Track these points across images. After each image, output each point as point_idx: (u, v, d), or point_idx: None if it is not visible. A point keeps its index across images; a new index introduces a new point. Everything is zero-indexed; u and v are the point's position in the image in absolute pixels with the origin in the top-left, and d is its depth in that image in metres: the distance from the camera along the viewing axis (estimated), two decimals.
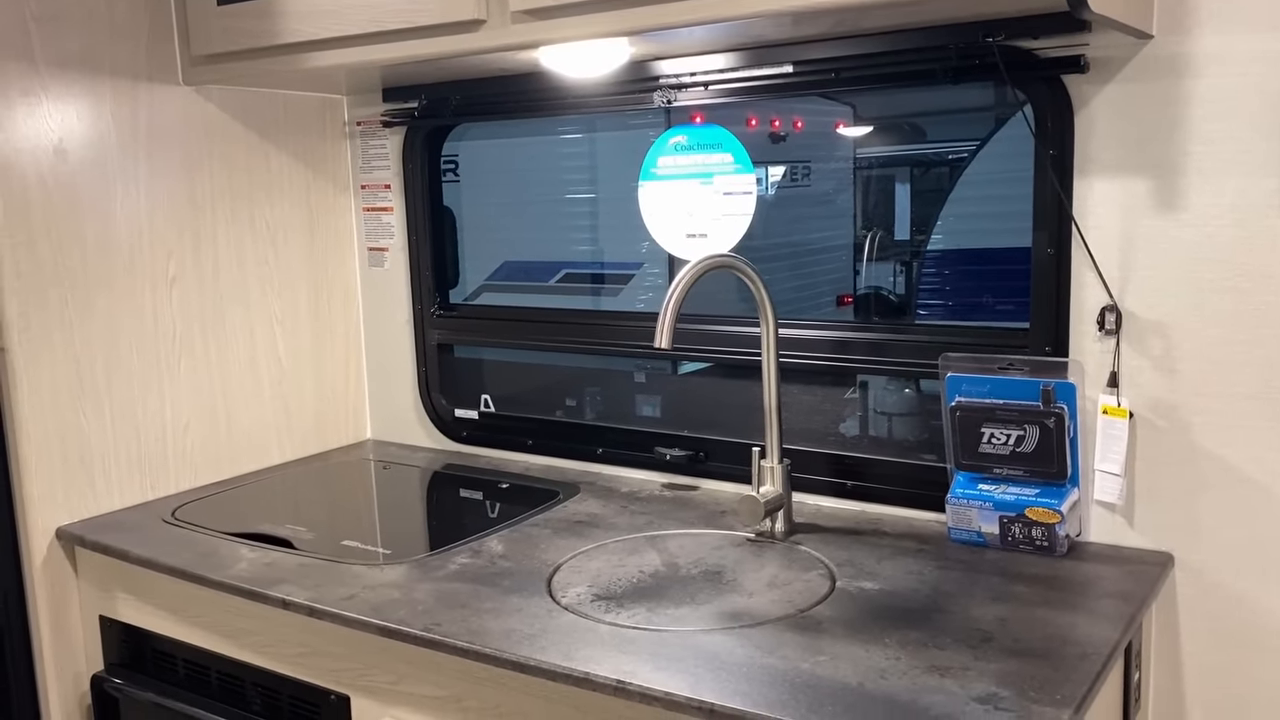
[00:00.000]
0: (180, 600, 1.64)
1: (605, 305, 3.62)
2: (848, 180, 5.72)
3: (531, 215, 4.12)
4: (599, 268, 4.04)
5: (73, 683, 1.80)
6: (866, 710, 1.07)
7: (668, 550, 1.58)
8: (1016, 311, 3.00)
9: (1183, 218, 1.42)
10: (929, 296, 5.34)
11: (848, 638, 1.24)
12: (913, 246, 5.80)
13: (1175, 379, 1.45)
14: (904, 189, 5.78)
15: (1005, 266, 3.28)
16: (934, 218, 5.79)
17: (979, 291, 3.83)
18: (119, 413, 1.86)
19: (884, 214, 5.79)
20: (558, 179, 3.87)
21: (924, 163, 5.58)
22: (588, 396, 2.13)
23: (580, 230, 3.98)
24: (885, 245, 5.76)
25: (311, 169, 2.17)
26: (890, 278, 5.59)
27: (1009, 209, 3.21)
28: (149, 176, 1.89)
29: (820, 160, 5.46)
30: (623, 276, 4.05)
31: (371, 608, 1.38)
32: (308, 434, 2.20)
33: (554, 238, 4.12)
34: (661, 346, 1.46)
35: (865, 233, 5.79)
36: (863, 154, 5.71)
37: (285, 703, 1.54)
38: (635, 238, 3.44)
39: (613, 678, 1.17)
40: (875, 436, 1.94)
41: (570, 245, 4.02)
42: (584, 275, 4.03)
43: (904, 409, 1.94)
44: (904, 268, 5.62)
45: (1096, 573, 1.42)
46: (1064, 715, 1.05)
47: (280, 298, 2.13)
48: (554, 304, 4.02)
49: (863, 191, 5.70)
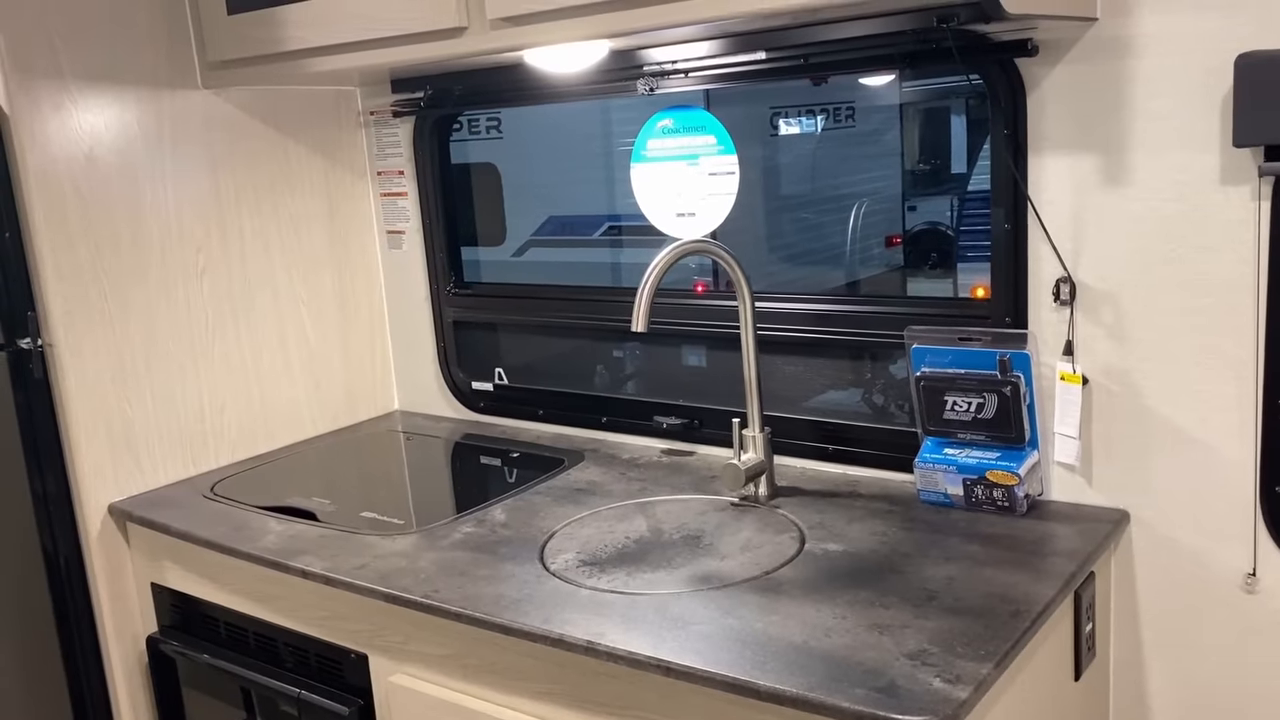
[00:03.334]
0: (218, 569, 1.80)
1: (649, 258, 3.70)
2: (893, 118, 5.68)
3: (575, 170, 4.18)
4: (643, 219, 4.12)
5: (131, 643, 1.99)
6: (805, 665, 1.19)
7: (655, 516, 1.70)
8: None
9: (1129, 192, 1.48)
10: (971, 237, 5.32)
11: (803, 598, 1.36)
12: (955, 183, 5.75)
13: (1126, 345, 1.52)
14: (959, 120, 5.70)
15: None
16: (975, 153, 5.72)
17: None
18: (159, 397, 2.02)
19: (931, 150, 5.73)
20: (603, 131, 3.92)
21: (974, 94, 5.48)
22: (596, 367, 2.24)
23: (620, 184, 4.02)
24: (932, 183, 5.71)
25: (329, 158, 2.29)
26: (947, 214, 5.56)
27: None
28: (175, 175, 2.03)
29: (864, 99, 5.42)
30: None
31: (379, 576, 1.53)
32: (338, 408, 2.35)
33: (597, 192, 4.18)
34: (638, 329, 1.57)
35: (914, 170, 5.73)
36: (908, 89, 5.65)
37: (313, 660, 1.70)
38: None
39: (584, 638, 1.30)
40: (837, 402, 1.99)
41: (616, 199, 4.08)
42: (627, 228, 4.10)
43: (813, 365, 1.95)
44: (957, 204, 5.56)
45: (1051, 531, 1.51)
46: (984, 669, 1.15)
47: (306, 282, 2.27)
48: (598, 258, 4.08)
49: (909, 127, 5.65)
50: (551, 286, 2.25)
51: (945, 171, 5.72)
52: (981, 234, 4.22)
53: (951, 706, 1.09)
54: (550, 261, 4.19)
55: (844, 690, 1.13)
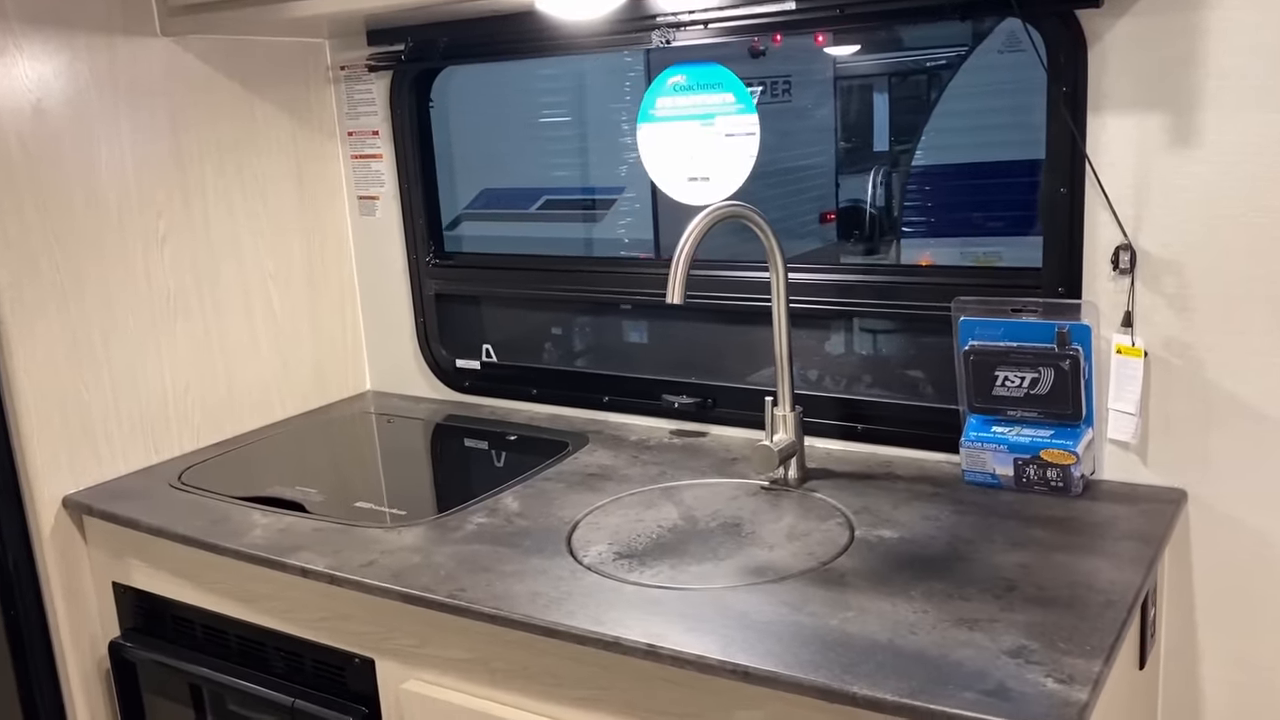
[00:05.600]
0: (194, 566, 1.63)
1: (589, 233, 3.56)
2: (828, 94, 5.61)
3: (508, 142, 4.03)
4: (579, 194, 3.97)
5: (90, 649, 1.80)
6: (899, 667, 1.08)
7: (684, 502, 1.58)
8: (1007, 227, 2.97)
9: (1198, 154, 1.39)
10: (915, 213, 5.28)
11: (872, 591, 1.25)
12: (891, 159, 5.72)
13: (1189, 316, 1.44)
14: (882, 99, 5.67)
15: (997, 180, 3.23)
16: (918, 130, 5.70)
17: (970, 207, 3.75)
18: (118, 377, 1.83)
19: (864, 127, 5.69)
20: (534, 102, 3.78)
21: (904, 72, 5.46)
22: (595, 343, 2.11)
23: (558, 156, 3.91)
24: (867, 160, 5.67)
25: (296, 118, 2.11)
26: (867, 192, 5.52)
27: (997, 121, 3.15)
28: (132, 133, 1.83)
29: (800, 75, 5.34)
30: (604, 202, 3.99)
31: (392, 574, 1.38)
32: (308, 389, 2.17)
33: (532, 165, 4.04)
34: (674, 302, 1.44)
35: (846, 146, 5.69)
36: (843, 66, 5.59)
37: (308, 665, 1.55)
38: (614, 162, 3.38)
39: (644, 641, 1.17)
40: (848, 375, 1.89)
41: (549, 172, 3.94)
42: (565, 202, 3.96)
43: (841, 342, 1.87)
44: (884, 182, 5.54)
45: (1112, 513, 1.43)
46: (1095, 666, 1.06)
47: (273, 252, 2.09)
48: (535, 233, 3.94)
49: (844, 104, 5.59)
50: (546, 257, 2.10)
51: (869, 149, 5.68)
52: (932, 209, 4.18)
53: (1075, 710, 0.99)
54: (483, 235, 4.04)
55: (950, 694, 1.03)
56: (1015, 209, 2.87)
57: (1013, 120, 2.84)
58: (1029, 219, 2.69)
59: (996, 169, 3.25)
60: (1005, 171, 3.10)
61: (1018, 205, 2.84)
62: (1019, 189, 2.84)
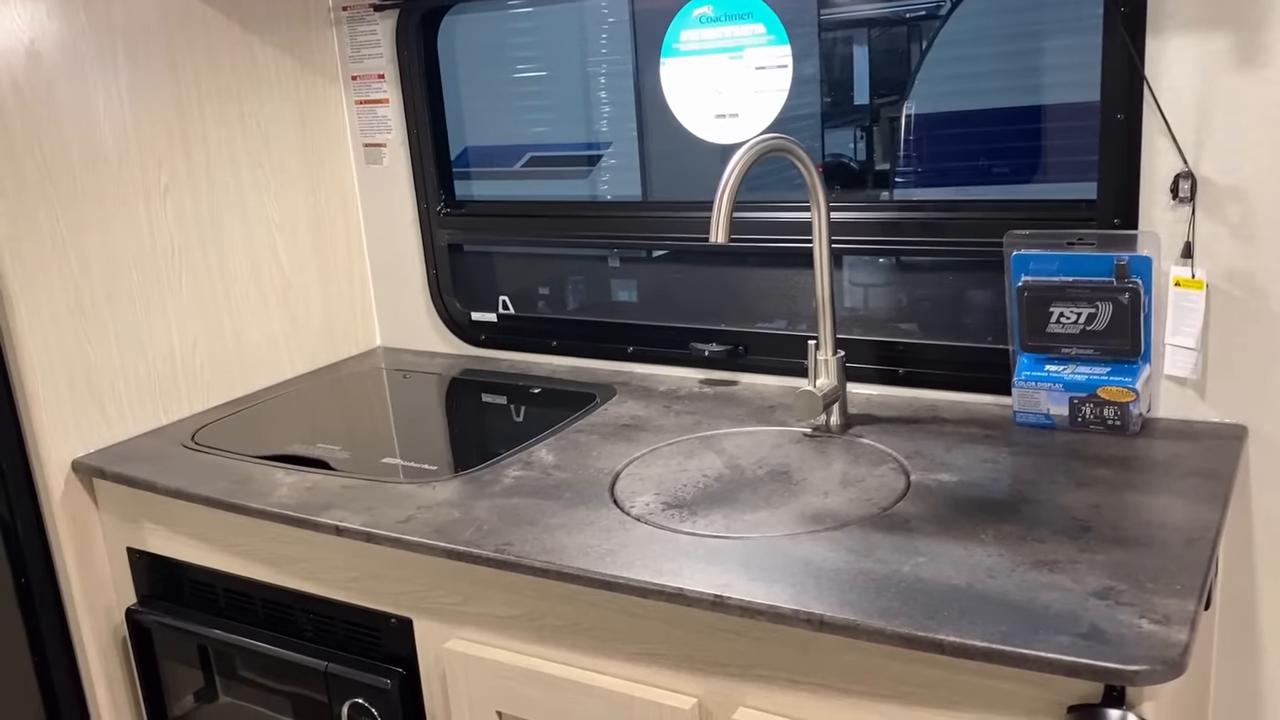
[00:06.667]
0: (215, 529, 1.57)
1: (577, 190, 3.49)
2: (812, 44, 5.53)
3: (487, 99, 3.93)
4: (564, 149, 3.88)
5: (105, 617, 1.73)
6: (984, 612, 1.03)
7: (725, 451, 1.52)
8: (1011, 175, 2.91)
9: (1266, 74, 1.33)
10: (909, 163, 5.22)
11: (940, 535, 1.20)
12: (871, 111, 5.66)
13: (1253, 246, 1.39)
14: (861, 51, 5.59)
15: (996, 128, 3.16)
16: (910, 79, 5.63)
17: (970, 155, 3.67)
18: (123, 335, 1.75)
19: (848, 78, 5.61)
20: (509, 57, 3.68)
21: (891, 21, 5.38)
22: (619, 292, 2.04)
23: (538, 112, 3.82)
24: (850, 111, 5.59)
25: (299, 61, 2.01)
26: (850, 144, 5.45)
27: (992, 68, 3.07)
28: (130, 77, 1.73)
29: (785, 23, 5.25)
30: (592, 157, 3.90)
31: (434, 529, 1.32)
32: (317, 345, 2.10)
33: (513, 121, 3.94)
34: (718, 240, 1.38)
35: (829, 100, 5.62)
36: (826, 15, 5.50)
37: (340, 627, 1.49)
38: (593, 116, 3.29)
39: (709, 592, 1.12)
40: (857, 312, 1.82)
41: (529, 128, 3.85)
42: (550, 159, 3.88)
43: (880, 280, 1.81)
44: (864, 133, 5.48)
45: (1174, 450, 1.38)
46: (1189, 606, 1.02)
47: (277, 201, 2.00)
48: (522, 191, 3.86)
49: (828, 55, 5.51)
50: (565, 202, 2.03)
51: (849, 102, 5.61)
52: (930, 156, 4.10)
53: (1177, 651, 0.95)
54: (517, 199, 3.94)
55: (1044, 639, 0.98)
56: (1022, 156, 2.81)
57: (1018, 66, 2.77)
58: (1034, 166, 2.63)
59: (999, 116, 3.18)
60: (1011, 119, 3.03)
61: (1025, 153, 2.78)
62: (1024, 136, 2.77)
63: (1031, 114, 2.03)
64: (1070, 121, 1.72)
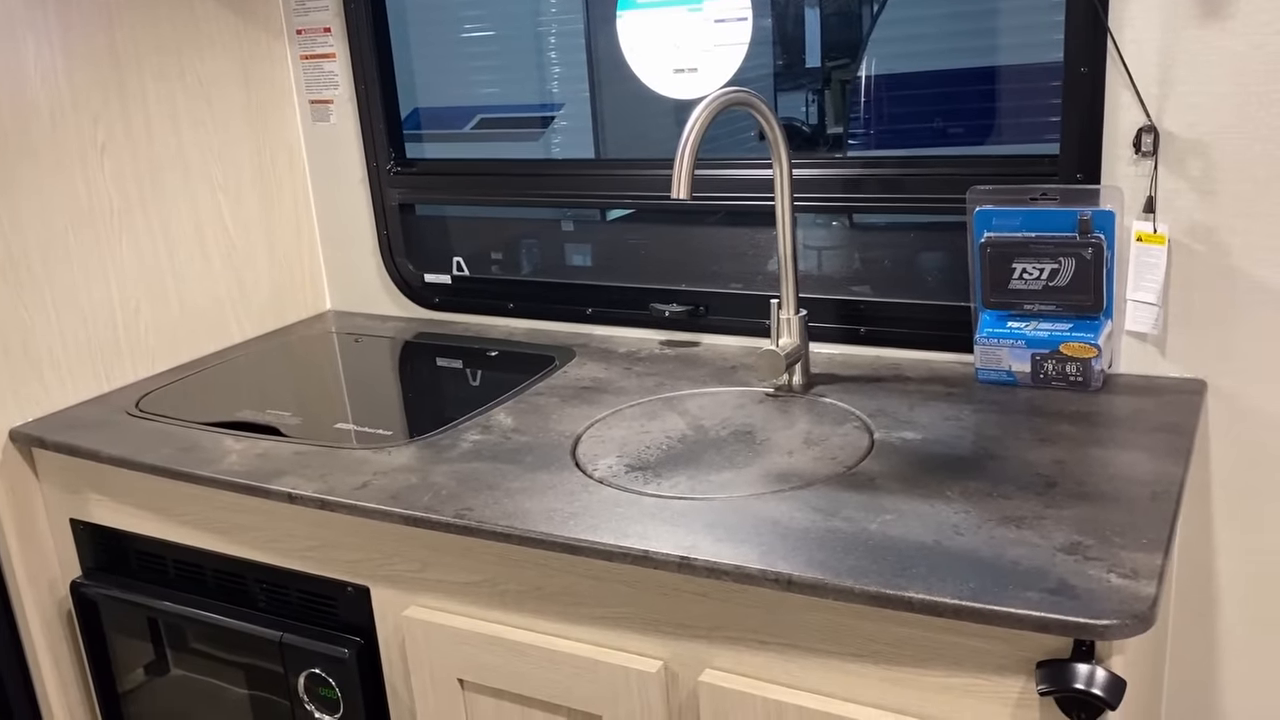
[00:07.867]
0: (162, 499, 1.52)
1: (529, 151, 3.44)
2: (764, 4, 5.48)
3: (436, 57, 3.85)
4: (515, 111, 3.82)
5: (49, 590, 1.68)
6: (952, 569, 1.02)
7: (688, 412, 1.50)
8: (965, 136, 2.90)
9: (1230, 25, 1.32)
10: (862, 125, 5.21)
11: (906, 493, 1.19)
12: (824, 74, 5.64)
13: (1214, 200, 1.38)
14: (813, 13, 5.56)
15: (950, 89, 3.15)
16: (863, 42, 5.61)
17: (923, 118, 3.67)
18: (61, 299, 1.68)
19: (798, 39, 5.57)
20: (455, 16, 3.61)
21: None
22: (574, 254, 2.00)
23: (487, 72, 3.76)
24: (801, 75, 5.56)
25: (240, 15, 1.94)
26: (802, 108, 5.43)
27: (942, 29, 3.06)
28: (62, 29, 1.66)
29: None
30: (544, 119, 3.84)
31: (390, 495, 1.28)
32: (265, 309, 2.04)
33: (461, 83, 3.86)
34: (679, 196, 1.34)
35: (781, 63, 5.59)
36: None
37: (294, 597, 1.45)
38: (545, 76, 3.24)
39: (675, 553, 1.10)
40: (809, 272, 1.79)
41: (479, 89, 3.78)
42: (501, 120, 3.81)
43: (834, 242, 1.79)
44: (815, 96, 5.46)
45: (1136, 406, 1.38)
46: (1156, 559, 1.01)
47: (221, 160, 1.93)
48: (470, 152, 3.79)
49: (780, 15, 5.48)
50: (520, 161, 1.98)
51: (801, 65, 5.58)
52: (884, 118, 4.09)
53: (1144, 604, 0.94)
54: (471, 159, 3.85)
55: (1013, 594, 0.97)
56: (976, 118, 2.80)
57: (972, 27, 2.75)
58: (987, 128, 2.62)
59: (952, 77, 3.17)
60: (965, 79, 3.02)
61: (978, 114, 2.77)
62: (978, 97, 2.76)
63: (985, 75, 2.03)
64: (1025, 83, 1.71)
